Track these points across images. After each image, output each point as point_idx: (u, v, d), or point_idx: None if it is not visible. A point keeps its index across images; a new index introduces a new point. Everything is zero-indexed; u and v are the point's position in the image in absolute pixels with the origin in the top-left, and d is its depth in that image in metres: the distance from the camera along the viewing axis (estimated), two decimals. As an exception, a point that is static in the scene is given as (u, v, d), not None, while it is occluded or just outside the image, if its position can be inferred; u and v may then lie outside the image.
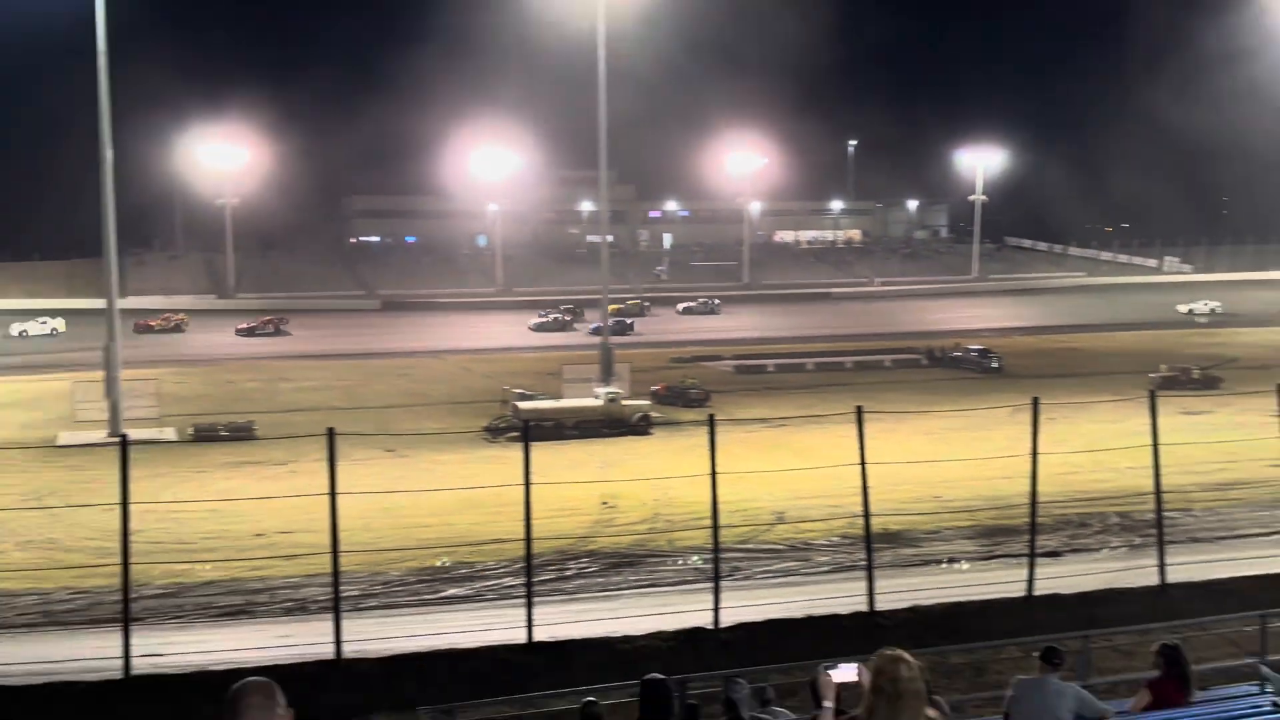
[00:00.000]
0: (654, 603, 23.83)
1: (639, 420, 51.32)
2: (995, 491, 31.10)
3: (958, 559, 28.21)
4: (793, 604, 22.28)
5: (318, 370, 73.15)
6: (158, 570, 25.06)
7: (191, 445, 47.89)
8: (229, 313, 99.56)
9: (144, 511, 20.55)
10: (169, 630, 22.82)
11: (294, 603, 25.48)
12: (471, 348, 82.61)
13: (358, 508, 22.96)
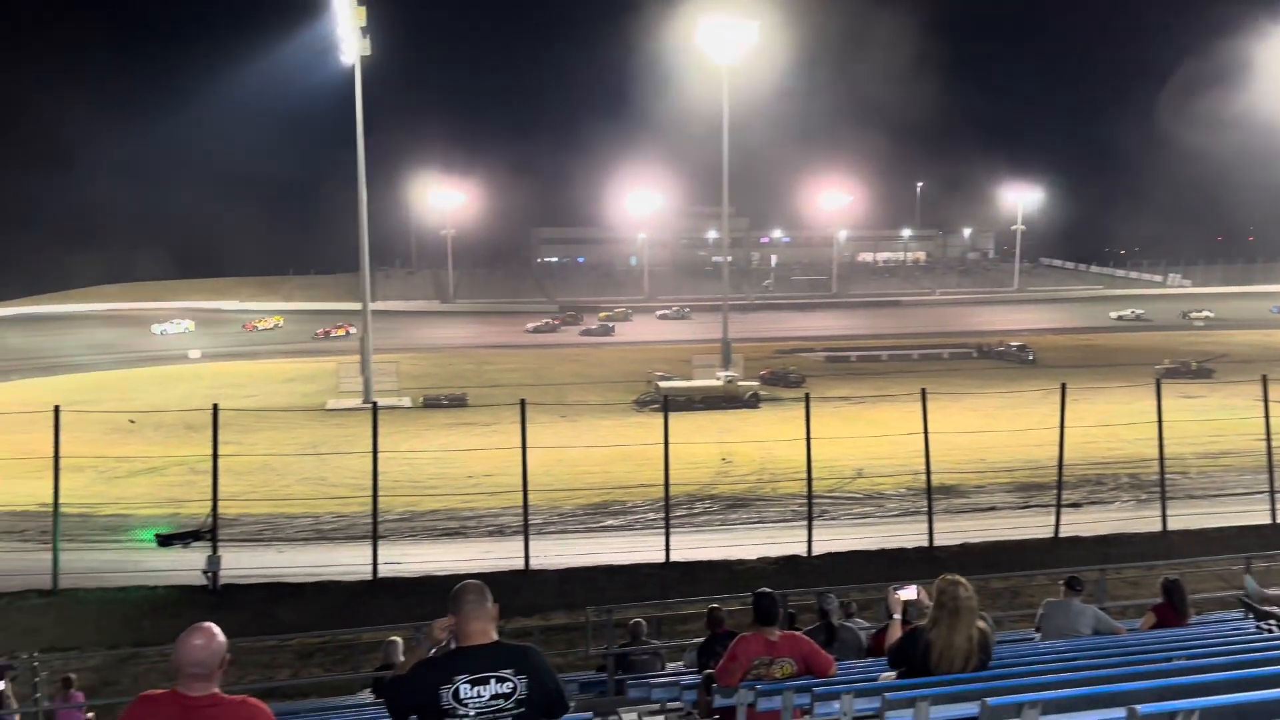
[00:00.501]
0: (761, 535, 23.68)
1: (750, 397, 50.91)
2: (1029, 456, 30.03)
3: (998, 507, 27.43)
4: (868, 539, 21.91)
5: (513, 356, 74.33)
6: (397, 501, 25.61)
7: (421, 410, 49.07)
8: (449, 314, 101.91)
9: (387, 458, 21.10)
10: (404, 545, 23.32)
11: (494, 527, 25.91)
12: (623, 341, 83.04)
13: (541, 458, 23.27)
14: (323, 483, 31.11)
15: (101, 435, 34.38)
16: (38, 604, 18.19)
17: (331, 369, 57.35)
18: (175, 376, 63.15)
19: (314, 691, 13.26)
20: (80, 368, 66.60)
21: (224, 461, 19.92)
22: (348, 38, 52.43)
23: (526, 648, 3.92)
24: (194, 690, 3.59)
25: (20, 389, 56.33)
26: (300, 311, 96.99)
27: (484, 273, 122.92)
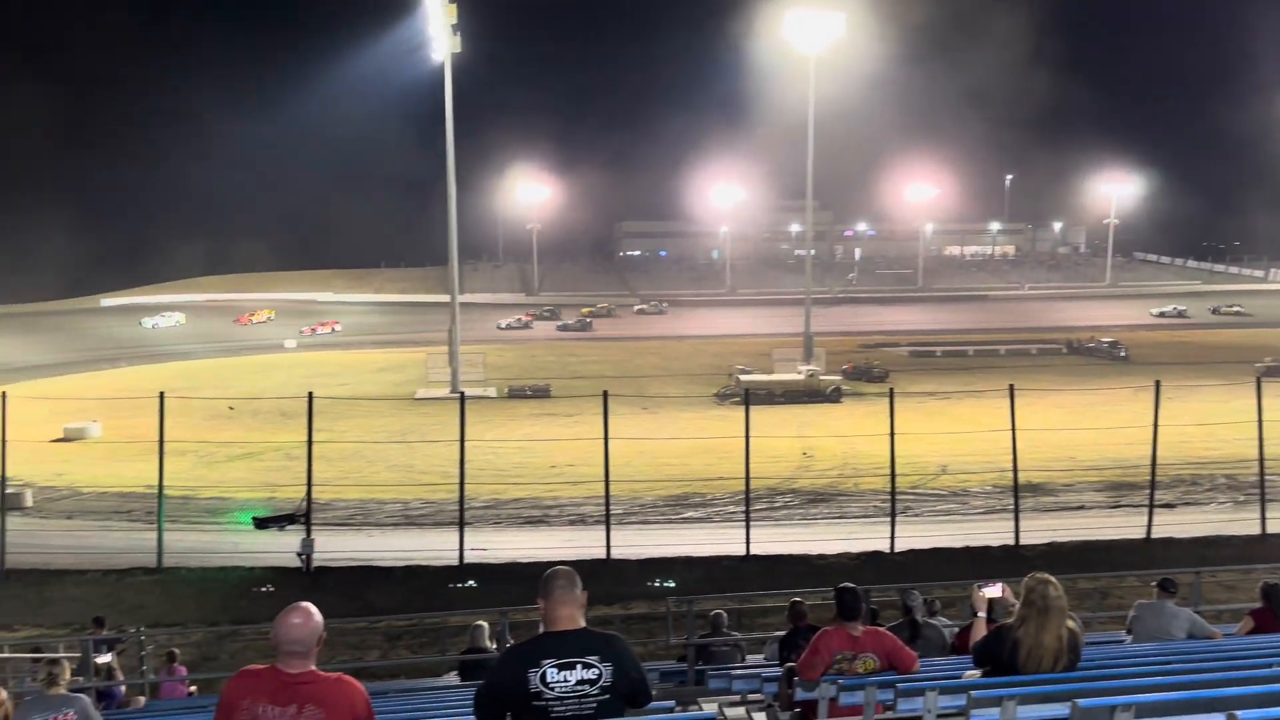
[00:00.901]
0: (842, 531, 23.41)
1: (832, 392, 50.34)
2: (1120, 455, 29.15)
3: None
4: (952, 536, 21.51)
5: (595, 348, 74.77)
6: (482, 489, 25.94)
7: (506, 400, 49.64)
8: (533, 306, 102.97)
9: (473, 447, 21.44)
10: (489, 532, 23.63)
11: (576, 516, 26.11)
12: (705, 334, 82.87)
13: (622, 449, 23.36)
14: (411, 470, 31.70)
15: (202, 421, 35.57)
16: (144, 581, 18.95)
17: (420, 360, 58.41)
18: (271, 365, 65.06)
19: (402, 672, 13.55)
20: (182, 356, 69.05)
21: (317, 448, 20.47)
22: (439, 35, 53.27)
23: (612, 636, 3.94)
24: (292, 667, 3.70)
25: (127, 376, 58.63)
26: (390, 304, 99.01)
27: (568, 266, 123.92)
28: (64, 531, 24.07)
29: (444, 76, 53.36)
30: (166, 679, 12.37)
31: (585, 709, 3.74)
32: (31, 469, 29.18)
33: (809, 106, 60.22)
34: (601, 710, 3.76)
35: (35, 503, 27.53)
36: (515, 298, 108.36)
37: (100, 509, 27.75)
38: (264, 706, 3.63)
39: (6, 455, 20.38)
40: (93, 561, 19.84)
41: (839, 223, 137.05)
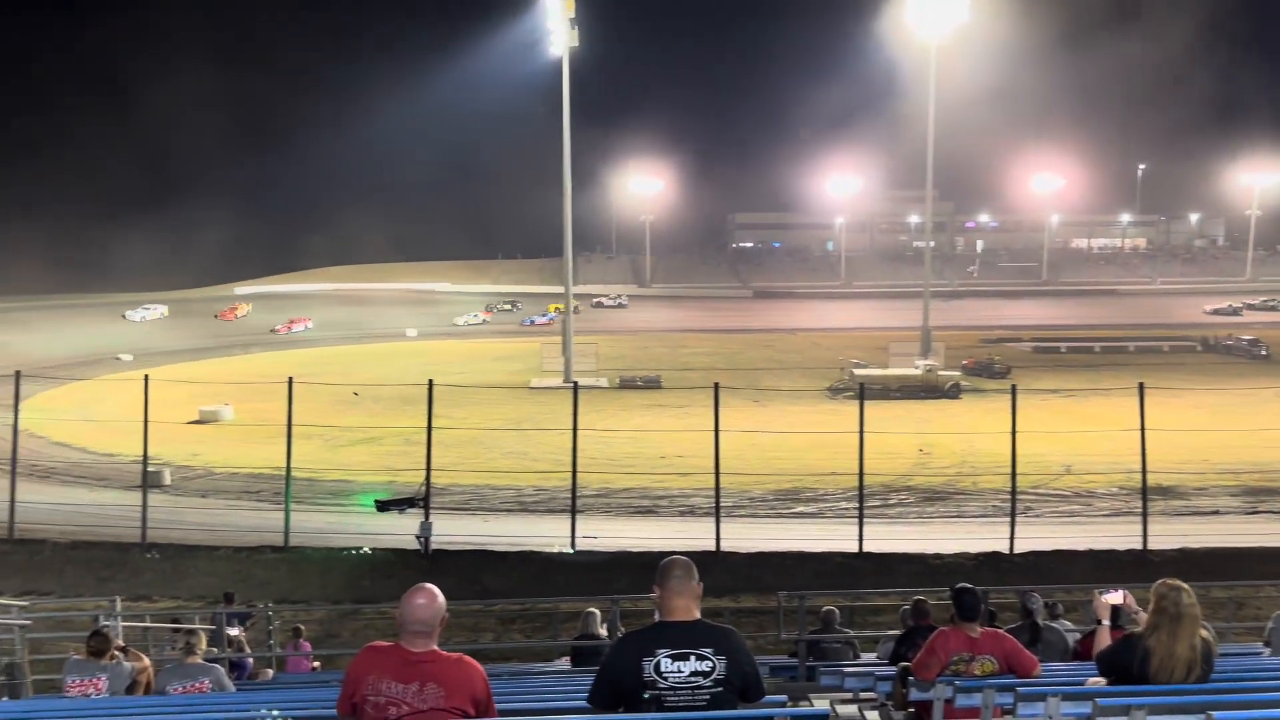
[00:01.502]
0: (959, 530, 22.85)
1: (950, 388, 49.16)
2: (1258, 458, 27.72)
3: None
4: (1075, 538, 20.74)
5: (707, 340, 74.68)
6: (593, 478, 26.01)
7: (617, 391, 50.02)
8: (645, 298, 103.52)
9: (585, 436, 21.61)
10: (600, 520, 23.81)
11: (686, 507, 26.17)
12: (818, 327, 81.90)
13: (733, 442, 23.26)
14: (525, 457, 32.22)
15: (328, 406, 36.86)
16: (272, 559, 19.76)
17: (535, 349, 59.34)
18: (393, 353, 67.01)
19: (515, 656, 13.81)
20: (310, 343, 71.72)
21: (436, 434, 21.00)
22: (557, 29, 53.91)
23: (727, 629, 3.94)
24: (416, 646, 3.82)
25: (258, 361, 61.24)
26: (505, 294, 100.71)
27: (680, 258, 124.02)
28: (199, 509, 25.30)
29: (561, 70, 54.03)
30: (292, 653, 12.89)
31: (698, 700, 3.75)
32: (170, 449, 30.75)
33: (930, 94, 58.80)
34: (714, 703, 3.76)
35: (173, 481, 29.00)
36: (627, 289, 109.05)
37: (232, 489, 29.08)
38: (388, 683, 3.75)
39: (148, 435, 21.53)
40: (224, 539, 20.78)
41: (960, 214, 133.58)
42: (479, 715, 3.81)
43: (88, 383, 47.27)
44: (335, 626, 17.01)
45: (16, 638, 10.18)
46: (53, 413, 37.62)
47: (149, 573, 19.07)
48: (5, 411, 26.13)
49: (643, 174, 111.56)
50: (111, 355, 62.99)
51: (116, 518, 21.29)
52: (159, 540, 20.20)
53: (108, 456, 32.61)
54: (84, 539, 20.47)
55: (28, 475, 24.60)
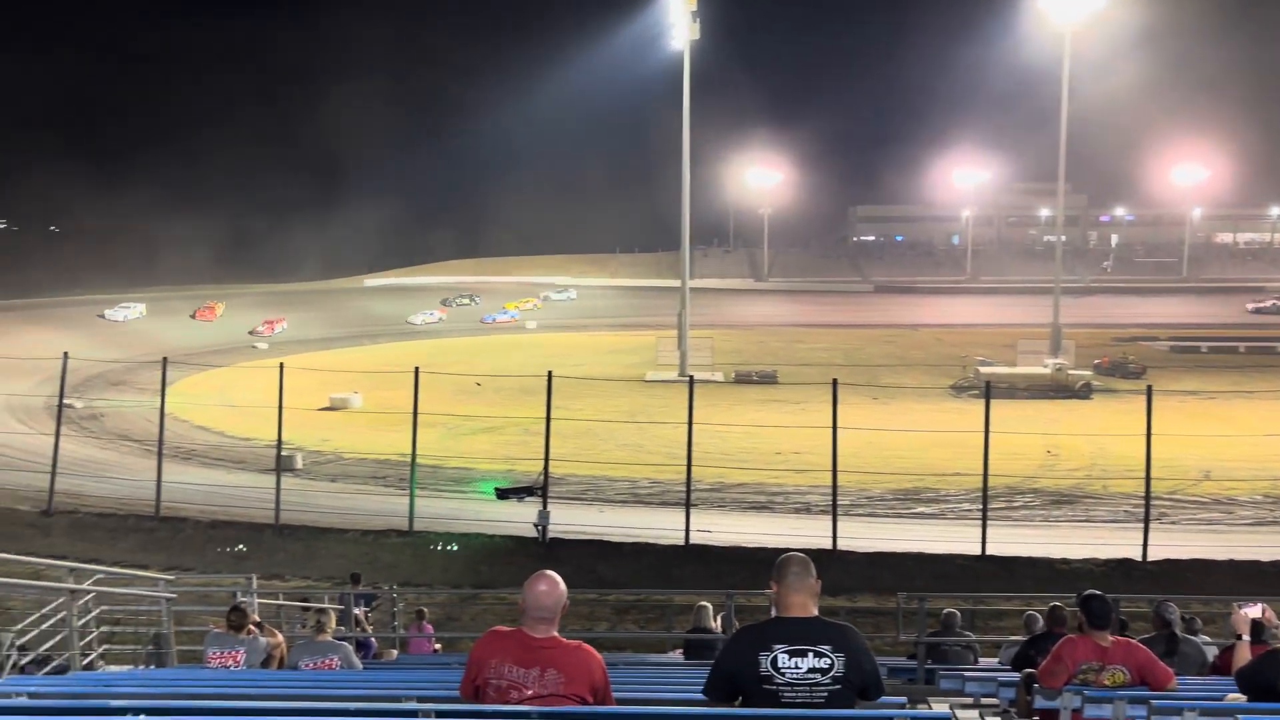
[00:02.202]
0: (1087, 535, 22.05)
1: (1081, 387, 47.35)
2: None
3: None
4: (1214, 547, 19.77)
5: (825, 335, 73.75)
6: (708, 472, 26.00)
7: (733, 385, 49.85)
8: (763, 292, 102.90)
9: (700, 429, 21.62)
10: (714, 514, 23.79)
11: (801, 505, 25.93)
12: (942, 323, 79.92)
13: (851, 439, 22.92)
14: (640, 449, 32.45)
15: (451, 395, 37.84)
16: (397, 542, 20.42)
17: (650, 343, 59.63)
18: (514, 345, 68.26)
19: (629, 646, 13.94)
20: (435, 334, 73.66)
21: (554, 424, 21.34)
22: (678, 23, 53.98)
23: (846, 627, 3.90)
24: (538, 631, 3.91)
25: (385, 352, 63.18)
26: (623, 287, 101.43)
27: (798, 251, 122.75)
28: (328, 493, 26.31)
29: (682, 63, 54.08)
30: (415, 635, 13.29)
31: (816, 698, 3.72)
32: (302, 435, 32.03)
33: (1064, 82, 56.60)
34: (832, 700, 3.73)
35: (304, 465, 30.21)
36: (744, 283, 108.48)
37: (359, 474, 30.13)
38: (509, 666, 3.84)
39: (283, 421, 22.50)
40: (352, 522, 21.56)
41: (1094, 207, 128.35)
42: (597, 703, 3.87)
43: (226, 370, 49.64)
44: (456, 610, 17.45)
45: (164, 609, 10.77)
46: (195, 398, 39.70)
47: (281, 553, 19.94)
48: (153, 396, 27.68)
49: (761, 166, 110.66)
50: (249, 344, 65.97)
51: (252, 499, 22.33)
52: (291, 523, 21.09)
53: (244, 440, 34.23)
54: (222, 519, 21.54)
55: (172, 457, 25.98)
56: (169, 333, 63.78)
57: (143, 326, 67.63)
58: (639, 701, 4.28)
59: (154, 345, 51.67)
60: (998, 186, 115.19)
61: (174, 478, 23.54)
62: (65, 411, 25.71)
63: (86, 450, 31.82)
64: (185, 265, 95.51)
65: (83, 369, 47.74)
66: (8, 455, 28.22)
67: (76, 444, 31.22)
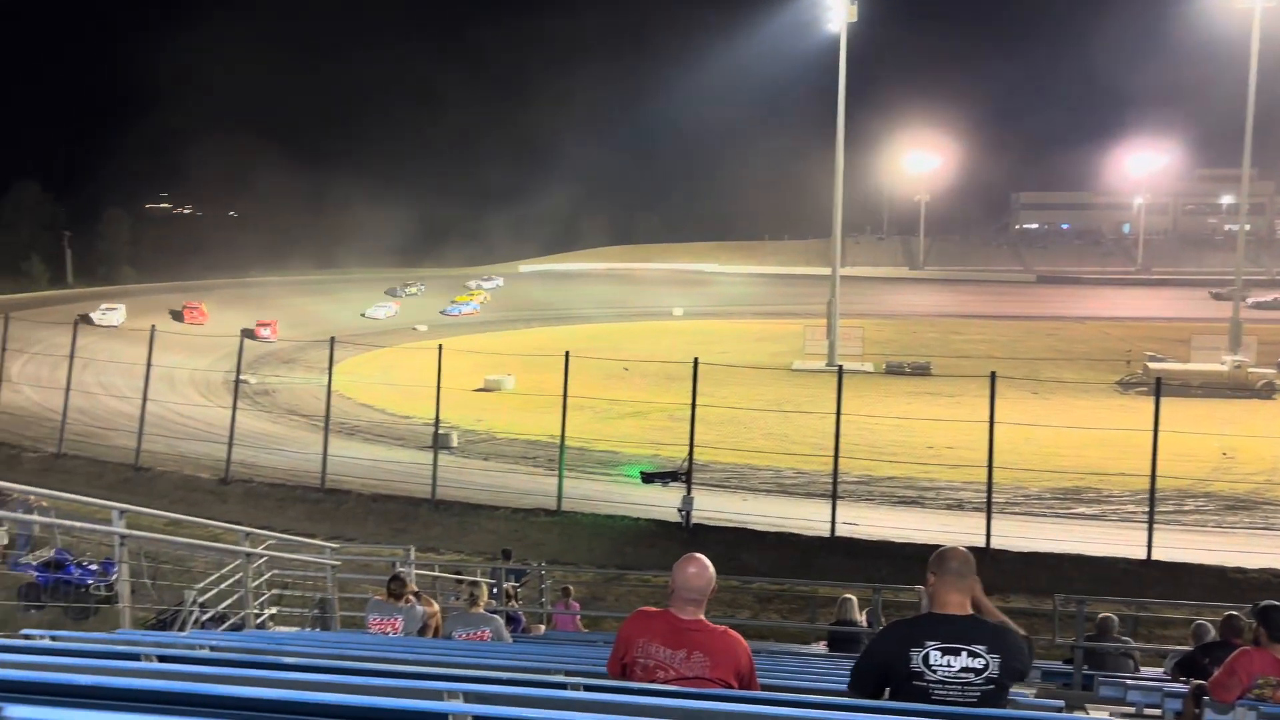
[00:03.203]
0: (1265, 544, 20.63)
1: (1263, 386, 44.26)
2: None
3: None
4: None
5: (982, 327, 71.35)
6: (855, 464, 25.66)
7: (883, 376, 48.88)
8: (917, 281, 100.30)
9: (848, 421, 21.30)
10: (860, 507, 23.45)
11: (953, 501, 25.25)
12: (1109, 316, 76.01)
13: (1008, 434, 22.19)
14: (785, 439, 32.17)
15: (599, 379, 38.46)
16: (545, 521, 20.94)
17: (798, 331, 58.98)
18: (661, 331, 68.73)
19: (770, 635, 13.90)
20: (585, 319, 74.89)
21: (699, 411, 21.42)
22: (835, 5, 53.02)
23: (1002, 627, 3.78)
24: (685, 613, 3.95)
25: (537, 335, 64.64)
26: (771, 275, 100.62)
27: (956, 240, 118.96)
28: (481, 471, 27.16)
29: (837, 46, 53.11)
30: (562, 611, 13.61)
31: (968, 697, 3.63)
32: (457, 414, 33.17)
33: (1251, 61, 52.84)
34: (984, 700, 3.63)
35: (459, 444, 31.28)
36: (898, 271, 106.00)
37: (510, 453, 30.99)
38: (657, 647, 3.90)
39: (440, 401, 23.36)
40: (503, 499, 22.22)
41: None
42: (741, 688, 3.89)
43: (389, 350, 51.82)
44: (600, 590, 17.78)
45: (329, 576, 11.38)
46: (359, 377, 41.66)
47: (436, 527, 20.74)
48: (320, 374, 29.17)
49: (919, 151, 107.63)
50: (409, 325, 68.60)
51: (410, 475, 23.27)
52: (447, 498, 21.90)
53: (404, 418, 35.71)
54: (382, 492, 22.55)
55: (336, 432, 27.31)
56: (339, 314, 67.12)
57: (314, 307, 71.24)
58: (783, 690, 4.28)
59: (324, 325, 54.38)
60: (1174, 172, 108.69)
61: (338, 452, 24.76)
62: (240, 387, 27.37)
63: (259, 424, 33.83)
64: (358, 250, 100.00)
65: (258, 347, 50.77)
66: (190, 427, 30.27)
67: (250, 417, 33.20)
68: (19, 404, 31.95)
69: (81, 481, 22.05)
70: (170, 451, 25.79)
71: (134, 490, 21.88)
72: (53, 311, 48.62)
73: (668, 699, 3.06)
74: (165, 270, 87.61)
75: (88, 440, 27.16)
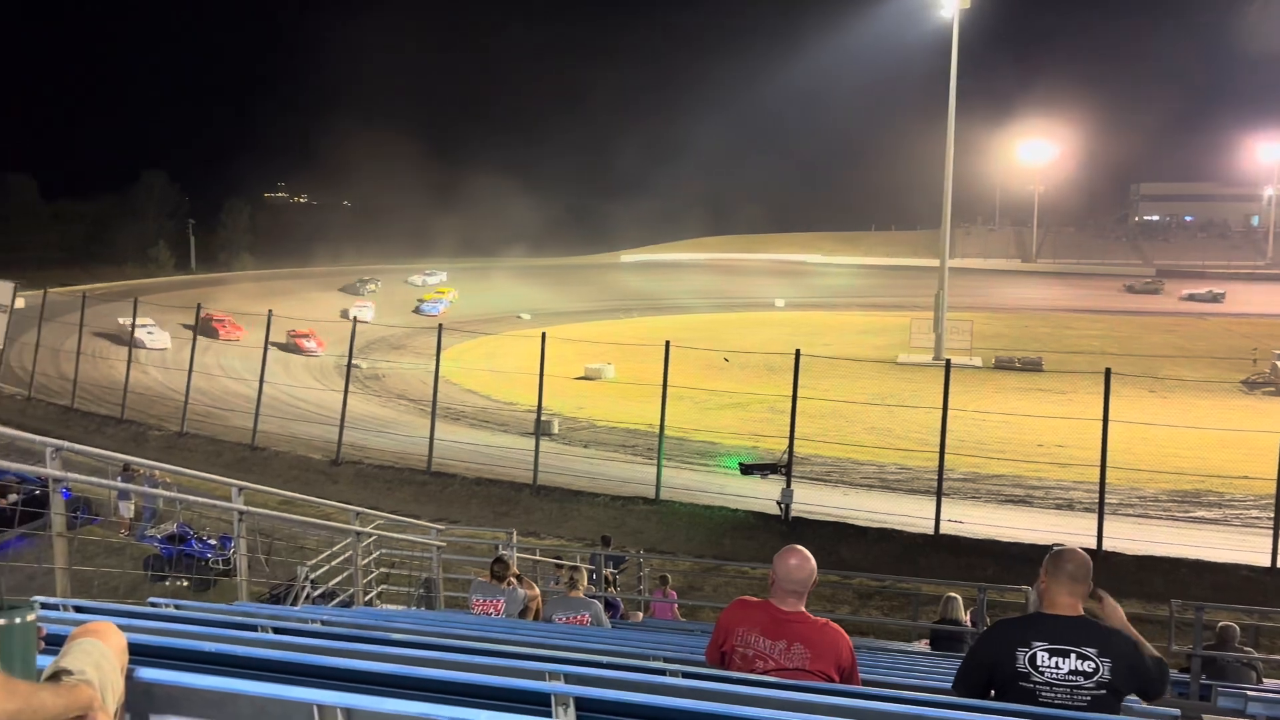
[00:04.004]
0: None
1: (1403, 387, 41.73)
2: None
3: None
4: None
5: (1098, 321, 68.94)
6: (962, 461, 25.14)
7: (992, 371, 47.67)
8: (1030, 274, 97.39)
9: (955, 416, 20.84)
10: (966, 505, 22.92)
11: (1063, 500, 24.49)
12: (1235, 312, 72.57)
13: (1122, 434, 21.39)
14: (888, 434, 31.68)
15: (699, 370, 38.40)
16: (643, 510, 21.05)
17: (904, 324, 57.92)
18: (761, 322, 68.34)
19: (870, 631, 13.73)
20: (685, 309, 74.92)
21: (800, 403, 21.22)
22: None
23: (1114, 630, 3.66)
24: (786, 605, 3.94)
25: (637, 325, 64.96)
26: (876, 266, 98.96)
27: (1072, 231, 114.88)
28: (581, 458, 27.46)
29: (949, 32, 51.82)
30: (660, 599, 13.68)
31: (1077, 700, 3.53)
32: (558, 401, 33.57)
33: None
34: (1095, 705, 3.52)
35: (560, 430, 31.67)
36: (1010, 263, 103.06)
37: (610, 441, 31.23)
38: (756, 636, 3.90)
39: (543, 388, 23.68)
40: (602, 486, 22.41)
41: None
42: (842, 682, 3.85)
43: (494, 337, 52.72)
44: (698, 579, 17.81)
45: (434, 557, 11.67)
46: (465, 363, 42.51)
47: (538, 512, 21.05)
48: (428, 360, 29.83)
49: (1033, 140, 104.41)
50: (514, 314, 69.71)
51: (513, 460, 23.66)
52: (548, 484, 22.20)
53: (507, 404, 36.32)
54: (486, 476, 22.98)
55: (443, 417, 27.90)
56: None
57: (415, 294, 72.95)
58: (885, 686, 4.22)
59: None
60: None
61: (444, 436, 25.33)
62: (352, 371, 28.21)
63: (369, 407, 34.83)
64: (466, 241, 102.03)
65: (369, 332, 52.19)
66: (304, 409, 31.37)
67: (360, 401, 34.21)
68: (146, 384, 33.61)
69: (201, 459, 23.05)
70: (284, 433, 26.75)
71: (250, 469, 22.80)
72: (176, 296, 50.82)
73: (768, 689, 3.06)
74: (281, 257, 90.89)
75: (207, 420, 28.39)
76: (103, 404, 29.82)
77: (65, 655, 2.03)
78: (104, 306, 34.08)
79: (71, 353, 31.09)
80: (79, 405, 29.12)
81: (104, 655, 2.07)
